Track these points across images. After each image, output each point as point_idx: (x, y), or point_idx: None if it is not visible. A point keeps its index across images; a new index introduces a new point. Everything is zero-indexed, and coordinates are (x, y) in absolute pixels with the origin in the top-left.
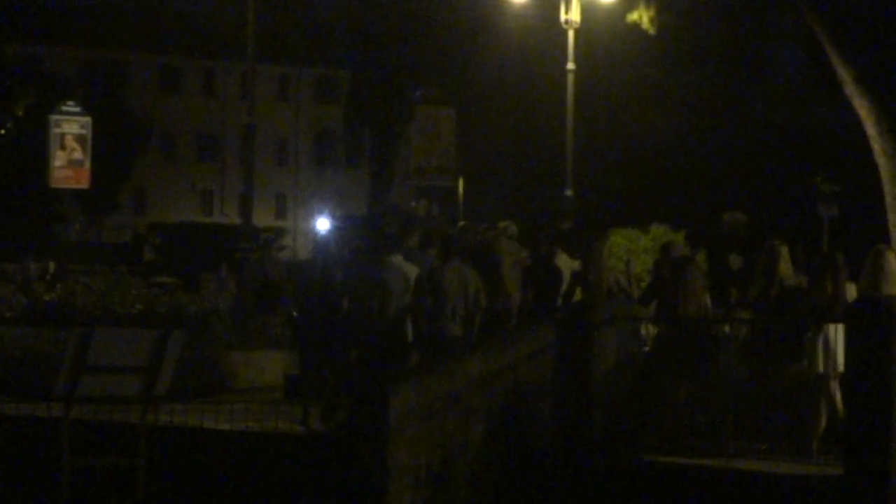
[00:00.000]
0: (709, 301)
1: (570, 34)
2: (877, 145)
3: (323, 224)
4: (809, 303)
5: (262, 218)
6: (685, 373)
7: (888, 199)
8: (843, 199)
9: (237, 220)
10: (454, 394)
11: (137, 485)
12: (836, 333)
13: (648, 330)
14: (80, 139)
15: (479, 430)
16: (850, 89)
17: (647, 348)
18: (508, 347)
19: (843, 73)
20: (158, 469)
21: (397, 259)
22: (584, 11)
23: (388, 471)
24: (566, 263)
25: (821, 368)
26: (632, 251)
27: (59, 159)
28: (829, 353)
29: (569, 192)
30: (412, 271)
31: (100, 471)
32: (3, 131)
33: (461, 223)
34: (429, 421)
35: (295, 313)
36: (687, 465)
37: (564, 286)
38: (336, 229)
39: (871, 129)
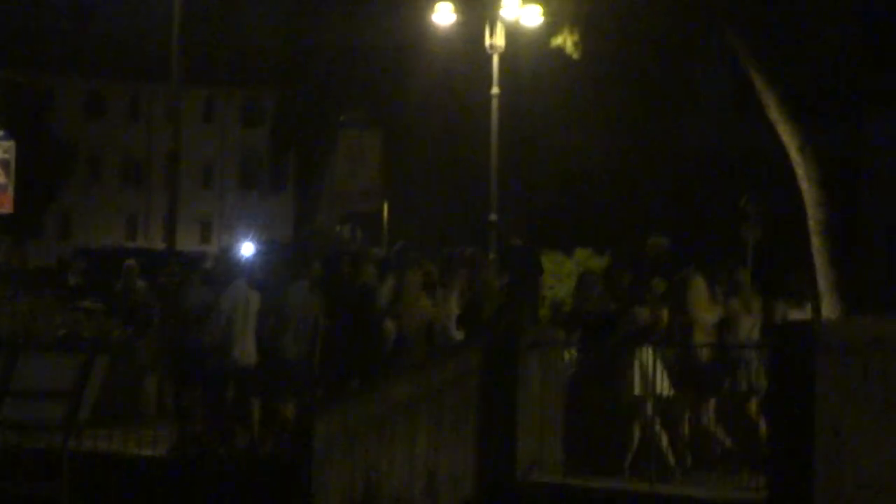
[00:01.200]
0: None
1: (495, 58)
2: (800, 170)
3: (247, 249)
4: (624, 328)
5: (187, 242)
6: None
7: (811, 223)
8: (767, 221)
9: (161, 245)
10: (378, 417)
11: None
12: (650, 358)
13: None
14: (2, 163)
15: (404, 452)
16: (774, 114)
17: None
18: (434, 371)
19: (767, 98)
20: (81, 496)
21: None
22: (509, 36)
23: (314, 493)
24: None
25: (637, 391)
26: (556, 275)
27: None
28: (645, 376)
29: (492, 217)
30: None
31: (22, 498)
32: None
33: (397, 244)
34: (354, 444)
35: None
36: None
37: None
38: (259, 254)
39: (794, 154)
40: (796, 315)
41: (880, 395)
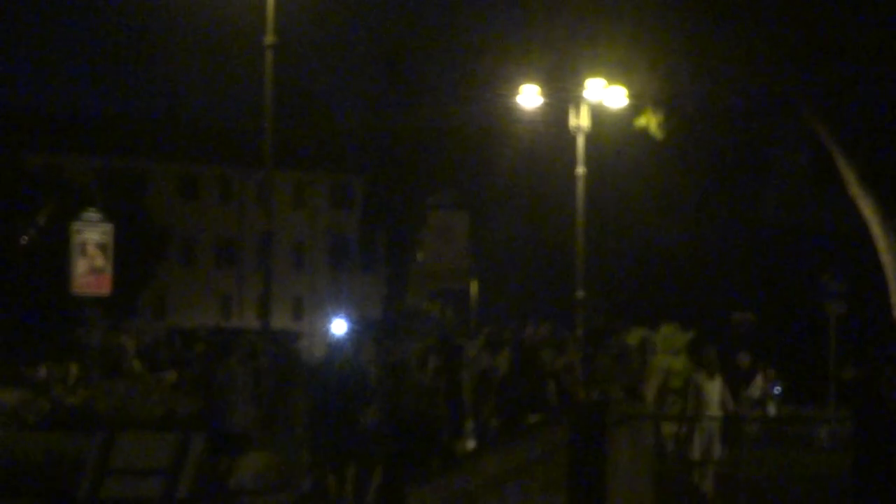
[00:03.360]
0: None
1: (580, 139)
2: (882, 243)
3: (339, 326)
4: None
5: (280, 321)
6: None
7: (893, 297)
8: (849, 296)
9: (255, 323)
10: (470, 492)
11: None
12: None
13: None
14: (101, 246)
15: None
16: (855, 190)
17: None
18: (522, 447)
19: (848, 175)
20: None
21: None
22: (593, 117)
23: None
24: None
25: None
26: (673, 349)
27: (80, 266)
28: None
29: (580, 294)
30: None
31: None
32: (26, 239)
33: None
34: None
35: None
36: None
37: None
38: (352, 331)
39: (875, 228)
40: None
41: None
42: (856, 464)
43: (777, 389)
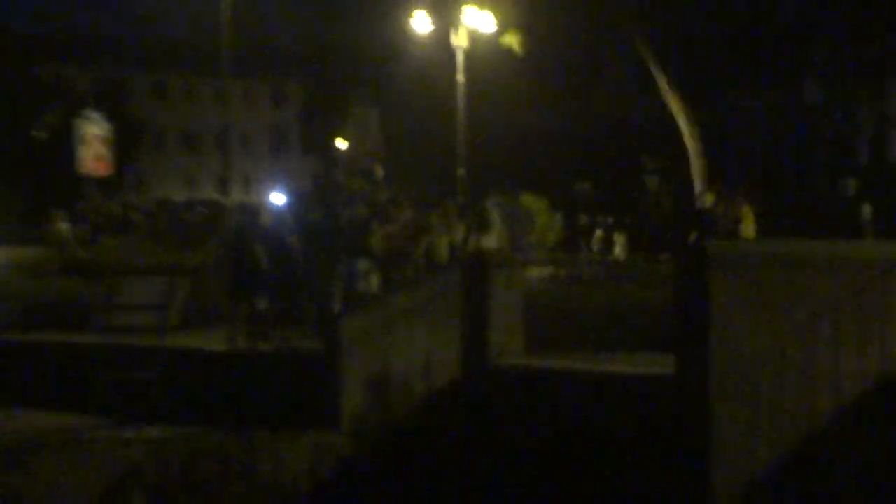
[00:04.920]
0: None
1: (459, 55)
2: (686, 130)
3: (277, 198)
4: None
5: (234, 195)
6: None
7: (693, 169)
8: (662, 172)
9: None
10: (389, 319)
11: (153, 394)
12: None
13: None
14: (101, 139)
15: (408, 346)
16: (665, 92)
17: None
18: (428, 286)
19: (661, 81)
20: (169, 379)
21: None
22: (470, 37)
23: (341, 377)
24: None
25: None
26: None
27: (85, 153)
28: None
29: (461, 171)
30: None
31: (126, 382)
32: (38, 133)
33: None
34: (369, 341)
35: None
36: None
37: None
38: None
39: (680, 121)
40: None
41: (750, 294)
42: (676, 294)
43: (620, 246)
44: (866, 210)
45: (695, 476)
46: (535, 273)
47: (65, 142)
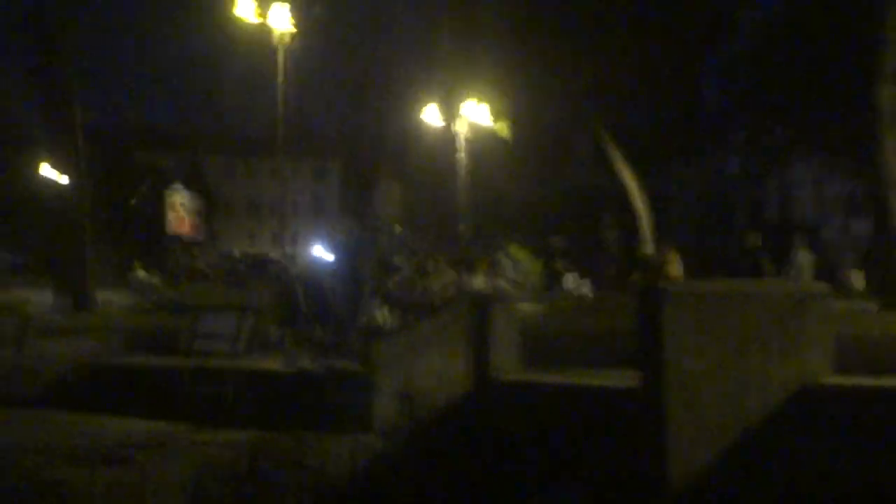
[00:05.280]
0: None
1: (461, 138)
2: (635, 195)
3: (318, 250)
4: None
5: (286, 248)
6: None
7: (640, 228)
8: (619, 226)
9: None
10: (412, 344)
11: (226, 404)
12: None
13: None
14: (184, 206)
15: (427, 365)
16: (620, 166)
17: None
18: (441, 317)
19: (615, 158)
20: (241, 393)
21: None
22: (469, 126)
23: (375, 390)
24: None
25: None
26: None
27: (172, 217)
28: None
29: (462, 227)
30: None
31: (207, 395)
32: (133, 202)
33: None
34: (397, 361)
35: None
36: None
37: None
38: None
39: (631, 188)
40: None
41: (696, 323)
42: (637, 323)
43: (586, 286)
44: (764, 257)
45: (655, 465)
46: (525, 307)
47: (156, 210)
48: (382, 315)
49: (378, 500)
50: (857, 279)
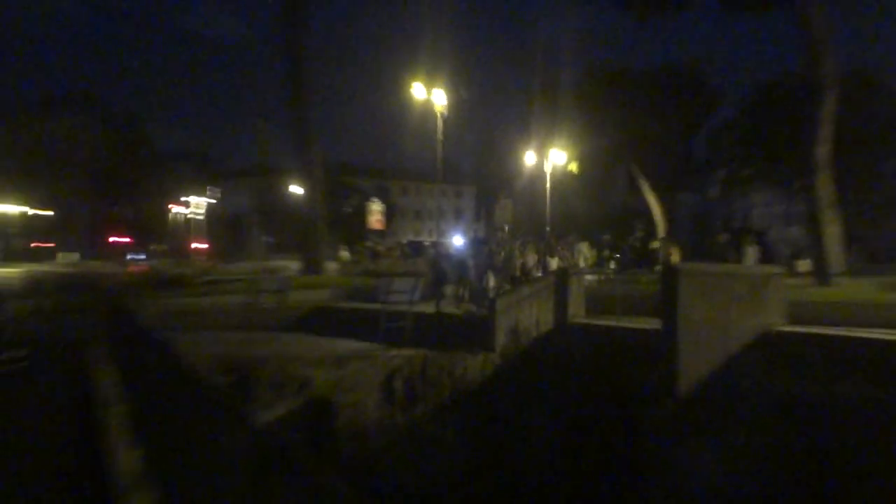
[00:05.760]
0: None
1: (547, 177)
2: (656, 211)
3: (457, 240)
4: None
5: (437, 238)
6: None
7: (658, 230)
8: (646, 230)
9: (425, 240)
10: (519, 300)
11: (407, 333)
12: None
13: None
14: (381, 211)
15: (528, 311)
16: (646, 190)
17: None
18: (538, 283)
19: (643, 184)
20: (419, 328)
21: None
22: (554, 165)
23: (495, 328)
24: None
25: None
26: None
27: (372, 218)
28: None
29: (548, 229)
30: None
31: (394, 329)
32: (350, 209)
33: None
34: (510, 309)
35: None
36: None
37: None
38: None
39: (654, 207)
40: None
41: (699, 289)
42: (661, 288)
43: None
44: (729, 249)
45: (670, 379)
46: (588, 277)
47: (359, 213)
48: (491, 279)
49: (496, 394)
50: (804, 265)
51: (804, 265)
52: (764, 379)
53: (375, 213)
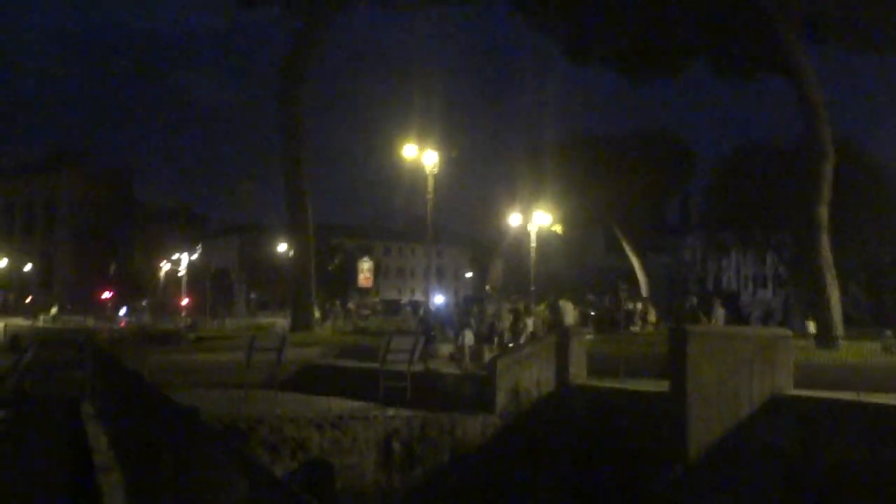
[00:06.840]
0: None
1: (533, 236)
2: (639, 273)
3: (439, 298)
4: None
5: (421, 297)
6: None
7: (641, 289)
8: (629, 291)
9: (404, 298)
10: (519, 359)
11: (407, 393)
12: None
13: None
14: (369, 269)
15: (529, 371)
16: (628, 248)
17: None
18: (540, 342)
19: (626, 243)
20: (415, 388)
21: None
22: (538, 227)
23: (496, 389)
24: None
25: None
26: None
27: (360, 276)
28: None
29: (532, 288)
30: None
31: (391, 388)
32: (331, 266)
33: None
34: (510, 368)
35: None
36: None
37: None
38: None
39: (636, 266)
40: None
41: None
42: (669, 349)
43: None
44: (698, 311)
45: (679, 441)
46: (587, 336)
47: (348, 270)
48: (468, 337)
49: (497, 457)
50: (810, 327)
51: (812, 326)
52: (774, 443)
53: (365, 270)
